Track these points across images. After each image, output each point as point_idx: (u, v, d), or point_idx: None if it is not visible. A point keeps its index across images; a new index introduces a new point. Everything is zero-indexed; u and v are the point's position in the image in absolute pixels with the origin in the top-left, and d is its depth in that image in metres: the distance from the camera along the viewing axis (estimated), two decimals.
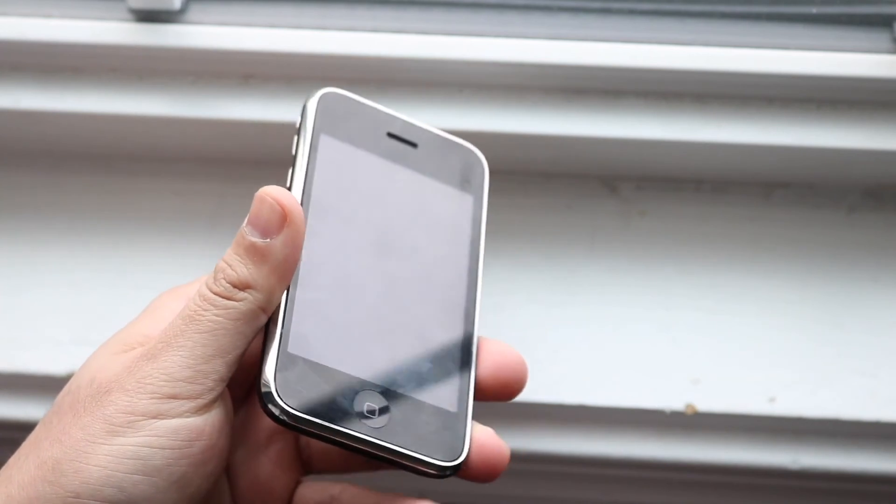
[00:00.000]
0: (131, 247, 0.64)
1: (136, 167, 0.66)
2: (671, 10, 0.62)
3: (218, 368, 0.44)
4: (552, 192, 0.65)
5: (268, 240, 0.45)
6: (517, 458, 0.61)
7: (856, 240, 0.64)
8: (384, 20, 0.61)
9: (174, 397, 0.43)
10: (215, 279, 0.44)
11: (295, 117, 0.63)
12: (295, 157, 0.50)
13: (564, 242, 0.64)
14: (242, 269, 0.44)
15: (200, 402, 0.43)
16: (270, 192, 0.45)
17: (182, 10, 0.61)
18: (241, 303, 0.44)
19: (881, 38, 0.61)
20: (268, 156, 0.65)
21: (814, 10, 0.61)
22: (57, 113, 0.63)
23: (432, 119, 0.61)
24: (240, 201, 0.66)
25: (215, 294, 0.44)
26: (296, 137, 0.51)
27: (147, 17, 0.61)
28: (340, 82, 0.62)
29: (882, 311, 0.62)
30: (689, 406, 0.60)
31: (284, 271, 0.45)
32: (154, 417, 0.43)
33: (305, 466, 0.51)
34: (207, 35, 0.61)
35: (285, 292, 0.46)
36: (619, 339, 0.62)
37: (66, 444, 0.43)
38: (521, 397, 0.60)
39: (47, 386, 0.62)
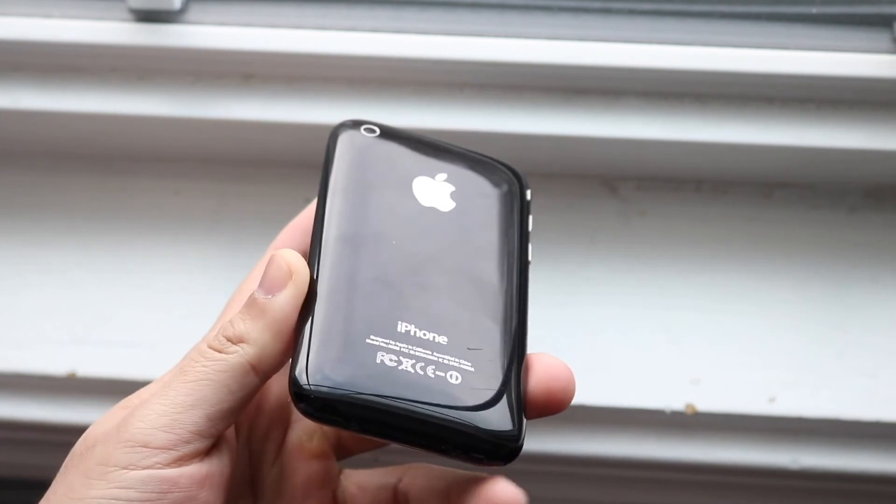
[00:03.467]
0: (131, 247, 0.64)
1: (136, 167, 0.66)
2: (671, 10, 0.62)
3: (196, 420, 0.43)
4: (552, 192, 0.65)
5: (269, 296, 0.44)
6: (517, 457, 0.61)
7: (856, 240, 0.64)
8: (384, 20, 0.61)
9: (146, 445, 0.42)
10: (216, 334, 0.44)
11: (295, 117, 0.63)
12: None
13: (564, 242, 0.64)
14: (240, 324, 0.44)
15: (174, 453, 0.42)
16: (282, 253, 0.45)
17: (182, 10, 0.61)
18: (230, 356, 0.43)
19: (881, 38, 0.61)
20: (268, 156, 0.65)
21: (814, 10, 0.61)
22: (57, 113, 0.63)
23: (432, 119, 0.61)
24: (240, 201, 0.66)
25: (209, 347, 0.44)
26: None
27: (147, 17, 0.61)
28: (340, 82, 0.62)
29: (882, 311, 0.62)
30: (689, 406, 0.60)
31: (280, 329, 0.44)
32: (124, 468, 0.42)
33: None
34: (207, 35, 0.61)
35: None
36: (619, 339, 0.62)
37: (51, 503, 0.43)
38: None
39: (47, 386, 0.62)
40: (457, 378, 0.43)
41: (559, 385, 0.45)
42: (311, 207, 0.50)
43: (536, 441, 0.61)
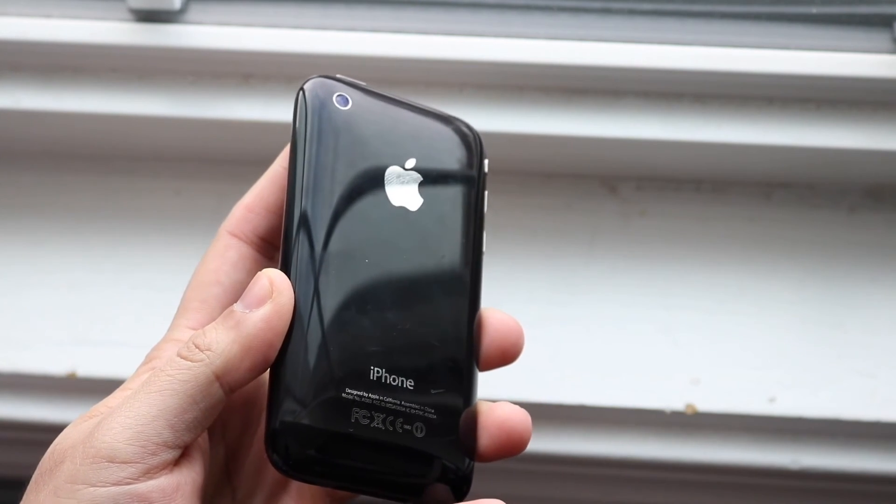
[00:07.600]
0: (131, 246, 0.64)
1: (136, 167, 0.66)
2: (671, 10, 0.62)
3: (160, 431, 0.41)
4: (552, 192, 0.65)
5: (247, 311, 0.43)
6: (517, 458, 0.61)
7: (856, 240, 0.64)
8: (384, 20, 0.61)
9: (111, 460, 0.41)
10: (186, 343, 0.43)
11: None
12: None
13: (564, 242, 0.64)
14: (212, 333, 0.43)
15: (142, 466, 0.41)
16: (268, 272, 0.44)
17: (182, 10, 0.61)
18: (196, 364, 0.42)
19: (881, 38, 0.61)
20: (268, 156, 0.65)
21: (814, 10, 0.61)
22: (57, 113, 0.63)
23: None
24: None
25: (178, 356, 0.43)
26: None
27: (147, 17, 0.61)
28: None
29: (882, 311, 0.63)
30: (689, 406, 0.60)
31: (250, 345, 0.43)
32: (93, 485, 0.41)
33: (332, 495, 0.49)
34: (207, 35, 0.61)
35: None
36: (619, 339, 0.62)
37: None
38: (522, 398, 0.60)
39: (47, 386, 0.62)
40: (421, 430, 0.46)
41: (510, 341, 0.49)
42: (261, 184, 0.50)
43: (537, 441, 0.61)
